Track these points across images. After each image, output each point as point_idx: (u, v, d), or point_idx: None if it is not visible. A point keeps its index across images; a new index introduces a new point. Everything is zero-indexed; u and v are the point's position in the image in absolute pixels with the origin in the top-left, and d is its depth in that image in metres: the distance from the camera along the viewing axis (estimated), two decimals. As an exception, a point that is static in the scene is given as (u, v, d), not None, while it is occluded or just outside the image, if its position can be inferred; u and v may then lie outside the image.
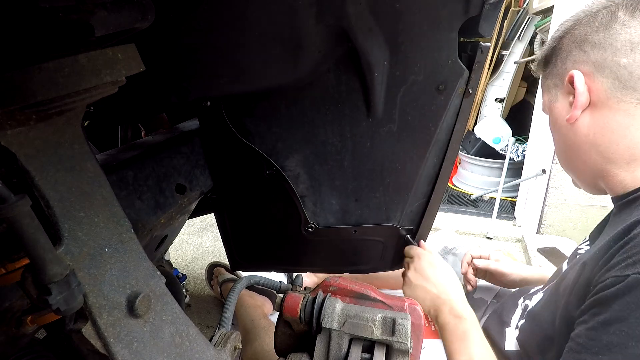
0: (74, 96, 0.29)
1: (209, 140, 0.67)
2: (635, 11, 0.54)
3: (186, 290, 1.60)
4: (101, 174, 0.35)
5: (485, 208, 2.41)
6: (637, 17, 0.53)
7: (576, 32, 0.58)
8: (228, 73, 0.55)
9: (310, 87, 0.58)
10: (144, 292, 0.37)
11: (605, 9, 0.56)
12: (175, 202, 0.61)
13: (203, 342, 0.46)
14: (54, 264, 0.28)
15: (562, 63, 0.59)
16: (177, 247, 1.97)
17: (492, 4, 0.51)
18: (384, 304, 0.60)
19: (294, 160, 0.66)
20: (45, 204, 0.30)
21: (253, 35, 0.52)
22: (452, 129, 0.63)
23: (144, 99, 0.57)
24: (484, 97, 2.82)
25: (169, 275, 1.05)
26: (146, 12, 0.34)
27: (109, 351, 0.34)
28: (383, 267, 0.82)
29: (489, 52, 0.88)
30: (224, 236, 0.80)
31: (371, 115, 0.60)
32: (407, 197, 0.70)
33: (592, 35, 0.56)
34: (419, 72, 0.56)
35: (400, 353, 0.52)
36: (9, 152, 0.27)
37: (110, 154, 0.57)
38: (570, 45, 0.58)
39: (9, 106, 0.26)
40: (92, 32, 0.28)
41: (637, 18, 0.53)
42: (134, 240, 0.38)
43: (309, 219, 0.71)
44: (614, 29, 0.54)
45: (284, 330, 0.62)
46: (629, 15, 0.54)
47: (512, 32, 2.67)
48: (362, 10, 0.50)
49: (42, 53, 0.27)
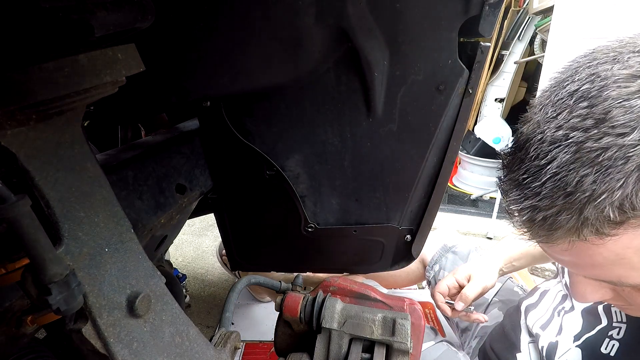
0: (74, 96, 0.29)
1: (209, 140, 0.67)
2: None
3: (186, 290, 1.60)
4: (101, 174, 0.35)
5: (485, 208, 2.41)
6: None
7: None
8: (228, 73, 0.55)
9: (310, 87, 0.58)
10: (144, 292, 0.37)
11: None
12: (175, 202, 0.61)
13: (203, 342, 0.46)
14: (54, 264, 0.28)
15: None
16: (177, 247, 1.97)
17: (492, 4, 0.51)
18: (384, 304, 0.60)
19: (294, 160, 0.66)
20: (45, 204, 0.30)
21: (253, 35, 0.52)
22: (452, 129, 0.63)
23: (144, 99, 0.57)
24: (484, 97, 2.82)
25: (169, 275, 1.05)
26: (146, 12, 0.34)
27: (109, 351, 0.34)
28: (383, 267, 0.82)
29: (489, 52, 0.88)
30: (224, 236, 0.80)
31: (371, 115, 0.60)
32: (407, 197, 0.70)
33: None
34: (419, 72, 0.56)
35: (400, 353, 0.52)
36: (9, 152, 0.27)
37: (110, 154, 0.57)
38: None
39: (9, 106, 0.26)
40: (92, 32, 0.28)
41: None
42: (134, 240, 0.38)
43: (309, 219, 0.71)
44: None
45: (284, 330, 0.62)
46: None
47: (512, 32, 2.67)
48: (362, 10, 0.50)
49: (42, 53, 0.27)
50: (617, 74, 0.36)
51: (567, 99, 0.38)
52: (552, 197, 0.37)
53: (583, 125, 0.36)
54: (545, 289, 0.87)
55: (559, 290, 0.82)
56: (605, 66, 0.37)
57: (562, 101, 0.39)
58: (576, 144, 0.36)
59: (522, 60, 2.58)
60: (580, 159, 0.35)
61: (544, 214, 0.38)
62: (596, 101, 0.36)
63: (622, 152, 0.34)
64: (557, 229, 0.38)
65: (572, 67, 0.41)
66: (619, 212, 0.35)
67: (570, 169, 0.36)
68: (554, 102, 0.40)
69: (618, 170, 0.34)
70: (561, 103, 0.39)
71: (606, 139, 0.34)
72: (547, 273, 1.76)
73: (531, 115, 0.42)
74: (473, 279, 0.93)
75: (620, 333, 0.60)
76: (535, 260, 1.02)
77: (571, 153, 0.36)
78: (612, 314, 0.64)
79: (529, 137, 0.40)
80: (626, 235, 0.36)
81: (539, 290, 0.89)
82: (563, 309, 0.76)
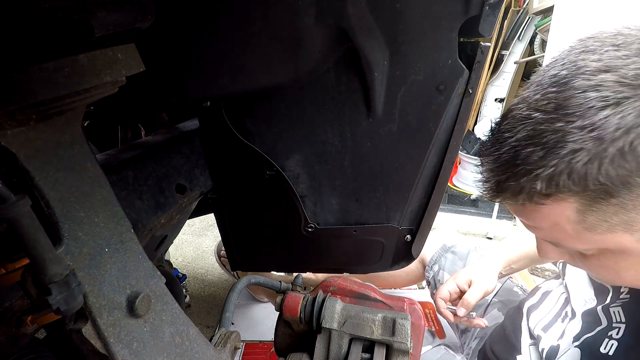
0: (74, 96, 0.29)
1: (209, 140, 0.67)
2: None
3: (186, 290, 1.60)
4: (101, 174, 0.35)
5: (485, 208, 2.41)
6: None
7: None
8: (228, 73, 0.55)
9: (310, 87, 0.58)
10: (144, 292, 0.37)
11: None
12: (175, 202, 0.61)
13: (203, 342, 0.46)
14: (54, 264, 0.28)
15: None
16: (177, 247, 1.97)
17: (492, 4, 0.51)
18: (384, 304, 0.60)
19: (294, 160, 0.66)
20: (45, 204, 0.30)
21: (253, 35, 0.52)
22: (452, 129, 0.63)
23: (144, 99, 0.57)
24: (484, 97, 2.82)
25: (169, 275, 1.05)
26: (146, 12, 0.34)
27: (109, 351, 0.34)
28: (383, 267, 0.82)
29: (489, 52, 0.88)
30: (224, 236, 0.80)
31: (371, 115, 0.60)
32: (407, 197, 0.70)
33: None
34: (419, 72, 0.56)
35: (400, 353, 0.52)
36: (9, 152, 0.27)
37: (110, 154, 0.57)
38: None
39: (9, 106, 0.26)
40: (92, 32, 0.28)
41: None
42: (134, 240, 0.38)
43: (309, 219, 0.71)
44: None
45: (284, 330, 0.62)
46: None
47: (512, 32, 2.67)
48: (362, 10, 0.50)
49: (42, 53, 0.27)
50: (588, 65, 0.40)
51: (545, 82, 0.43)
52: (505, 166, 0.45)
53: (545, 108, 0.41)
54: (547, 289, 0.87)
55: (561, 292, 0.82)
56: (584, 55, 0.42)
57: (541, 83, 0.44)
58: (535, 123, 0.42)
59: (522, 60, 2.58)
60: (533, 137, 0.42)
61: (496, 178, 0.46)
62: (564, 87, 0.41)
63: (563, 138, 0.39)
64: (503, 192, 0.46)
65: (565, 50, 0.45)
66: (547, 186, 0.42)
67: (524, 144, 0.42)
68: (536, 82, 0.45)
69: (556, 152, 0.40)
70: (540, 85, 0.44)
71: (558, 124, 0.40)
72: (547, 273, 1.76)
73: (521, 92, 0.48)
74: (474, 284, 0.93)
75: (620, 333, 0.61)
76: (533, 262, 1.02)
77: (528, 131, 0.42)
78: (611, 315, 0.65)
79: (508, 111, 0.47)
80: (555, 206, 0.44)
81: (540, 290, 0.89)
82: (566, 315, 0.76)
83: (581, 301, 0.74)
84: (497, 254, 1.00)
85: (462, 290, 0.94)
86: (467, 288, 0.94)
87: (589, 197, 0.41)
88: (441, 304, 0.95)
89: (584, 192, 0.41)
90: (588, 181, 0.40)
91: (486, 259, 0.99)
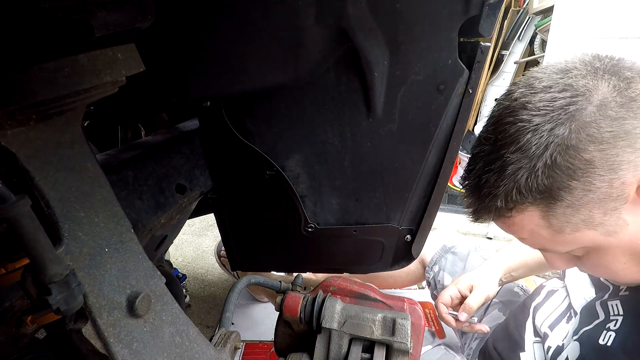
0: (74, 96, 0.29)
1: (209, 140, 0.67)
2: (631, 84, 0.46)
3: (186, 290, 1.60)
4: (101, 174, 0.35)
5: (485, 208, 2.41)
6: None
7: (590, 131, 0.45)
8: (228, 73, 0.55)
9: (310, 87, 0.58)
10: (144, 292, 0.37)
11: (597, 92, 0.46)
12: (175, 202, 0.61)
13: (203, 342, 0.46)
14: (54, 264, 0.28)
15: (606, 174, 0.46)
16: (177, 247, 1.97)
17: (492, 4, 0.51)
18: (384, 304, 0.60)
19: (294, 160, 0.65)
20: (45, 204, 0.30)
21: (253, 35, 0.52)
22: (452, 129, 0.63)
23: (144, 99, 0.57)
24: (484, 97, 2.82)
25: (169, 275, 1.05)
26: (146, 12, 0.34)
27: (109, 351, 0.34)
28: (383, 267, 0.82)
29: (489, 52, 0.88)
30: (224, 236, 0.80)
31: (371, 115, 0.60)
32: (407, 197, 0.70)
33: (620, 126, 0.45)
34: (419, 72, 0.56)
35: (400, 353, 0.52)
36: (9, 152, 0.27)
37: (110, 154, 0.57)
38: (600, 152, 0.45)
39: (9, 106, 0.26)
40: (92, 32, 0.28)
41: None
42: (134, 240, 0.38)
43: (309, 219, 0.71)
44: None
45: (284, 330, 0.62)
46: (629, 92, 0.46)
47: (512, 32, 2.67)
48: (362, 10, 0.50)
49: (42, 53, 0.27)
50: (512, 104, 0.51)
51: (489, 120, 0.55)
52: (473, 193, 0.55)
53: (489, 142, 0.53)
54: (551, 288, 0.87)
55: (566, 295, 0.82)
56: (513, 96, 0.52)
57: (487, 121, 0.55)
58: (485, 155, 0.53)
59: (522, 60, 2.58)
60: (486, 165, 0.52)
61: (472, 206, 0.57)
62: (498, 124, 0.51)
63: (505, 162, 0.49)
64: (479, 213, 0.56)
65: (503, 94, 0.56)
66: (506, 202, 0.51)
67: (482, 172, 0.53)
68: (486, 122, 0.56)
69: (504, 174, 0.50)
70: (487, 123, 0.55)
71: (501, 151, 0.50)
72: (547, 273, 1.76)
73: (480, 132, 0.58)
74: (476, 289, 0.93)
75: (617, 324, 0.62)
76: (532, 271, 1.04)
77: (482, 162, 0.53)
78: (608, 309, 0.65)
79: (473, 147, 0.57)
80: (522, 215, 0.52)
81: (545, 288, 0.89)
82: (571, 316, 0.76)
83: (581, 300, 0.74)
84: (498, 260, 1.01)
85: (463, 296, 0.95)
86: (468, 293, 0.94)
87: (542, 203, 0.50)
88: (443, 309, 0.96)
89: (535, 201, 0.50)
90: (533, 192, 0.49)
91: (487, 265, 0.99)
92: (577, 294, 0.76)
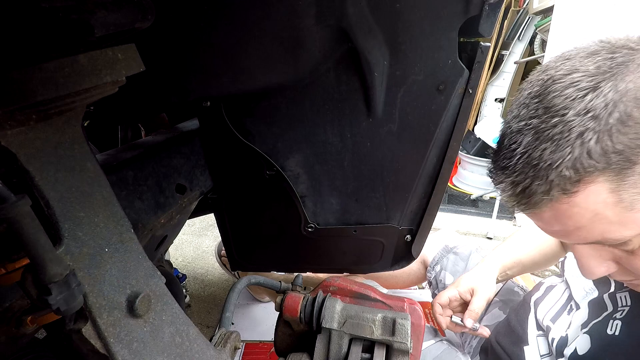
0: (74, 96, 0.29)
1: (209, 140, 0.67)
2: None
3: (186, 290, 1.60)
4: (101, 174, 0.35)
5: (485, 208, 2.41)
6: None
7: None
8: (228, 73, 0.55)
9: (310, 87, 0.58)
10: (144, 292, 0.37)
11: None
12: (175, 202, 0.61)
13: (203, 342, 0.46)
14: (54, 264, 0.28)
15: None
16: (177, 247, 1.97)
17: (492, 4, 0.51)
18: (384, 304, 0.60)
19: (294, 160, 0.65)
20: (45, 204, 0.30)
21: (253, 35, 0.52)
22: (452, 129, 0.63)
23: (144, 99, 0.57)
24: (484, 97, 2.82)
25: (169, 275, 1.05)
26: (146, 12, 0.34)
27: (109, 351, 0.34)
28: (383, 267, 0.82)
29: (489, 52, 0.88)
30: (224, 236, 0.80)
31: (371, 115, 0.60)
32: (407, 197, 0.70)
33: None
34: (419, 72, 0.56)
35: (400, 353, 0.52)
36: (9, 152, 0.27)
37: (110, 154, 0.57)
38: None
39: (9, 106, 0.26)
40: (92, 32, 0.28)
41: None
42: (134, 240, 0.38)
43: (309, 219, 0.71)
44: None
45: (284, 330, 0.62)
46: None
47: (512, 32, 2.67)
48: (362, 10, 0.50)
49: (42, 53, 0.27)
50: (554, 75, 0.47)
51: (524, 100, 0.50)
52: (523, 171, 0.48)
53: (537, 114, 0.47)
54: (550, 284, 0.88)
55: (565, 288, 0.83)
56: (546, 73, 0.49)
57: (520, 102, 0.50)
58: (534, 127, 0.47)
59: (522, 60, 2.58)
60: (539, 138, 0.46)
61: (522, 186, 0.48)
62: (544, 96, 0.47)
63: (565, 127, 0.44)
64: (532, 195, 0.48)
65: (527, 80, 0.52)
66: (574, 171, 0.44)
67: (533, 146, 0.46)
68: (516, 104, 0.51)
69: (566, 140, 0.44)
70: (520, 103, 0.50)
71: (553, 119, 0.45)
72: (547, 273, 1.76)
73: (506, 118, 0.53)
74: (477, 293, 0.92)
75: (623, 314, 0.62)
76: (525, 269, 1.04)
77: (531, 135, 0.47)
78: (617, 300, 0.66)
79: (504, 132, 0.52)
80: (588, 190, 0.45)
81: (544, 284, 0.89)
82: (572, 308, 0.77)
83: (582, 292, 0.75)
84: (494, 260, 1.01)
85: (464, 299, 0.94)
86: (469, 297, 0.93)
87: (615, 171, 0.44)
88: (438, 309, 0.95)
89: (609, 167, 0.43)
90: (608, 154, 0.43)
91: (485, 266, 0.99)
92: (577, 286, 0.76)
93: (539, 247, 1.01)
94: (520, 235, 1.06)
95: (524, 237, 1.05)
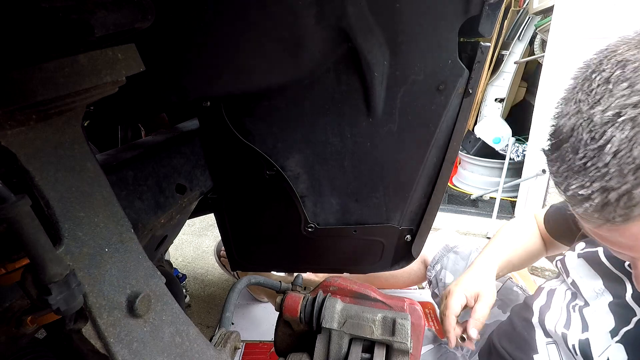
0: (74, 96, 0.29)
1: (209, 140, 0.67)
2: None
3: (186, 290, 1.60)
4: (101, 174, 0.35)
5: (485, 208, 2.41)
6: None
7: None
8: (228, 73, 0.55)
9: (310, 87, 0.58)
10: (144, 292, 0.37)
11: None
12: (175, 202, 0.61)
13: (203, 342, 0.46)
14: (54, 264, 0.28)
15: None
16: (177, 247, 1.97)
17: (492, 4, 0.51)
18: (384, 304, 0.60)
19: (294, 160, 0.65)
20: (45, 204, 0.30)
21: (253, 35, 0.52)
22: (452, 129, 0.63)
23: (144, 99, 0.57)
24: (484, 97, 2.82)
25: (169, 275, 1.05)
26: (146, 12, 0.34)
27: (109, 351, 0.34)
28: (383, 267, 0.82)
29: (489, 52, 0.88)
30: (224, 236, 0.80)
31: (371, 115, 0.60)
32: (407, 197, 0.70)
33: None
34: (419, 72, 0.56)
35: (400, 353, 0.52)
36: (9, 152, 0.27)
37: (110, 154, 0.57)
38: None
39: (9, 106, 0.26)
40: (92, 32, 0.28)
41: None
42: (134, 240, 0.38)
43: (309, 219, 0.71)
44: None
45: (284, 330, 0.62)
46: None
47: (512, 32, 2.67)
48: (362, 10, 0.50)
49: (42, 53, 0.27)
50: (627, 56, 0.38)
51: (602, 86, 0.39)
52: (620, 175, 0.37)
53: (631, 102, 0.37)
54: (550, 288, 0.86)
55: (565, 289, 0.82)
56: (630, 52, 0.39)
57: (597, 88, 0.40)
58: (630, 119, 0.36)
59: (522, 60, 2.58)
60: (639, 132, 0.36)
61: (617, 193, 0.38)
62: (636, 80, 0.37)
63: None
64: (634, 206, 0.38)
65: (593, 63, 0.43)
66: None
67: (632, 143, 0.36)
68: (587, 92, 0.41)
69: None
70: (597, 90, 0.40)
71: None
72: (547, 273, 1.76)
73: (565, 110, 0.43)
74: (481, 299, 0.87)
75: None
76: (515, 268, 1.03)
77: (628, 129, 0.36)
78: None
79: (573, 126, 0.41)
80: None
81: (544, 289, 0.88)
82: (577, 305, 0.75)
83: (592, 292, 0.72)
84: (491, 259, 0.97)
85: (468, 304, 0.89)
86: (473, 302, 0.88)
87: None
88: (452, 321, 0.85)
89: None
90: None
91: (484, 267, 0.95)
92: (586, 287, 0.74)
93: (525, 246, 1.01)
94: (508, 233, 1.05)
95: (511, 234, 1.04)
